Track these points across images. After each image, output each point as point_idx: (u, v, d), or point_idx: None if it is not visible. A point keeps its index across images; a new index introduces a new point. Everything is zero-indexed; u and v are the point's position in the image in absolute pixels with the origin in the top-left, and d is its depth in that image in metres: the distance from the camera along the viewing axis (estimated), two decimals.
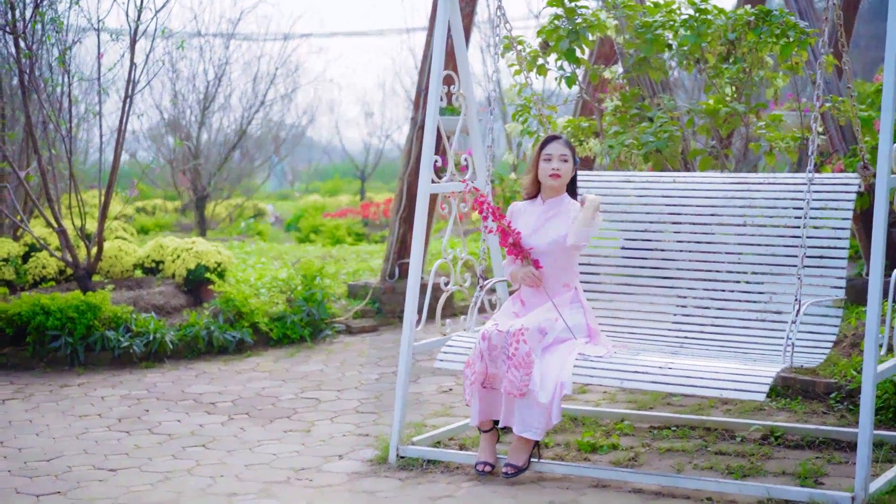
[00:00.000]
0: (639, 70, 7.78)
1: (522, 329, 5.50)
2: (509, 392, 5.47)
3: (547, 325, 5.63)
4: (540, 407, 5.44)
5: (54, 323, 8.56)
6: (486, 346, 5.57)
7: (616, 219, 6.29)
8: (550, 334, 5.63)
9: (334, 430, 6.73)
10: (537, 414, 5.46)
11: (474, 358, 5.62)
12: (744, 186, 6.01)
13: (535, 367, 5.46)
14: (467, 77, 6.42)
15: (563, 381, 5.45)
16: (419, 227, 6.11)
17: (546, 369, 5.49)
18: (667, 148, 7.31)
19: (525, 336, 5.49)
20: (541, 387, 5.45)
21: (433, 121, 6.18)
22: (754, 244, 5.90)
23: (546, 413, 5.45)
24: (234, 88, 17.06)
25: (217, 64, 16.08)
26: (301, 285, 9.67)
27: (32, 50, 9.21)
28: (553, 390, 5.44)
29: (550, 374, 5.47)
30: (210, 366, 8.66)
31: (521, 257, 5.82)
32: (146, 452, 6.30)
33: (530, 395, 5.44)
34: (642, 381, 5.32)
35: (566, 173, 5.83)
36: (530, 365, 5.45)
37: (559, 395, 5.44)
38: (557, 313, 5.70)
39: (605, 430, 6.41)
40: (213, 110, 16.40)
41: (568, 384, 5.44)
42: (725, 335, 5.87)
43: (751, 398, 5.05)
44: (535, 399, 5.44)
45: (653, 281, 6.16)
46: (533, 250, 5.80)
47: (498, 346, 5.54)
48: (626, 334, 6.10)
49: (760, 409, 6.77)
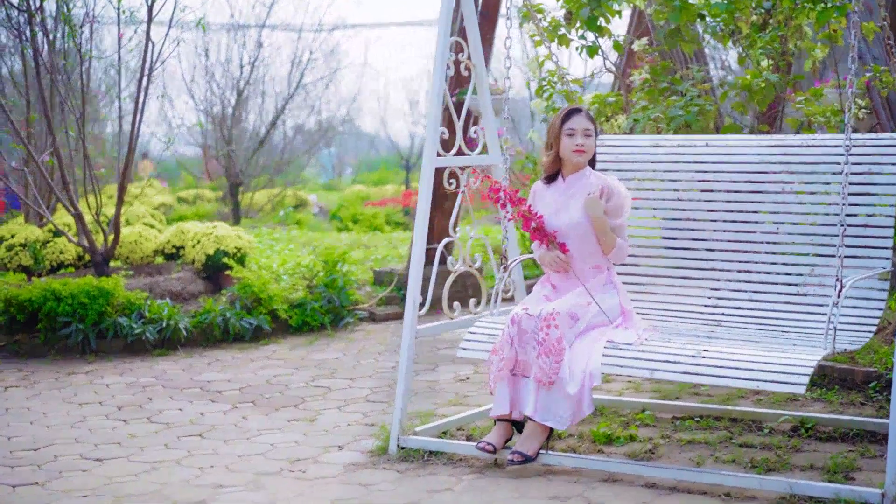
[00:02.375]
0: (670, 43, 7.36)
1: (554, 313, 5.14)
2: (539, 379, 5.10)
3: (579, 310, 5.26)
4: (568, 398, 5.07)
5: (65, 309, 8.29)
6: (515, 330, 5.19)
7: (644, 186, 5.87)
8: (583, 320, 5.26)
9: (340, 419, 6.39)
10: (564, 404, 5.09)
11: (502, 343, 5.25)
12: (782, 150, 5.56)
13: (566, 354, 5.09)
14: (477, 45, 6.02)
15: (592, 371, 5.07)
16: (423, 203, 5.73)
17: (575, 358, 5.12)
18: (696, 122, 6.88)
19: (556, 320, 5.12)
20: (570, 377, 5.07)
21: (439, 88, 5.79)
22: (794, 213, 5.47)
23: (575, 404, 5.08)
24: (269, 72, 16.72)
25: (251, 48, 15.79)
26: (323, 271, 9.33)
27: (46, 29, 8.94)
28: (581, 380, 5.07)
29: (578, 364, 5.10)
30: (224, 353, 8.35)
31: (547, 242, 5.43)
32: (139, 441, 5.99)
33: (559, 384, 5.07)
34: (673, 372, 4.91)
35: (590, 149, 5.45)
36: (561, 352, 5.08)
37: (589, 385, 5.07)
38: (591, 298, 5.32)
39: (625, 421, 6.00)
40: (247, 96, 16.09)
41: (597, 374, 5.06)
42: (764, 312, 5.45)
43: (790, 391, 4.62)
44: (563, 389, 5.07)
45: (686, 254, 5.75)
46: (558, 233, 5.41)
47: (528, 331, 5.16)
48: (660, 313, 5.70)
49: (794, 399, 6.32)
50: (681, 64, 7.70)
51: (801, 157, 5.48)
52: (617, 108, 7.46)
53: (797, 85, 7.51)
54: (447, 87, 6.00)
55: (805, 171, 5.44)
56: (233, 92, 16.07)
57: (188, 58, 16.79)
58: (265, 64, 16.49)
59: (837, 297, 4.84)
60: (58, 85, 9.18)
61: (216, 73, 15.93)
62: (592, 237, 5.39)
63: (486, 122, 6.11)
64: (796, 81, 7.29)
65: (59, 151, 9.18)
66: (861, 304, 5.15)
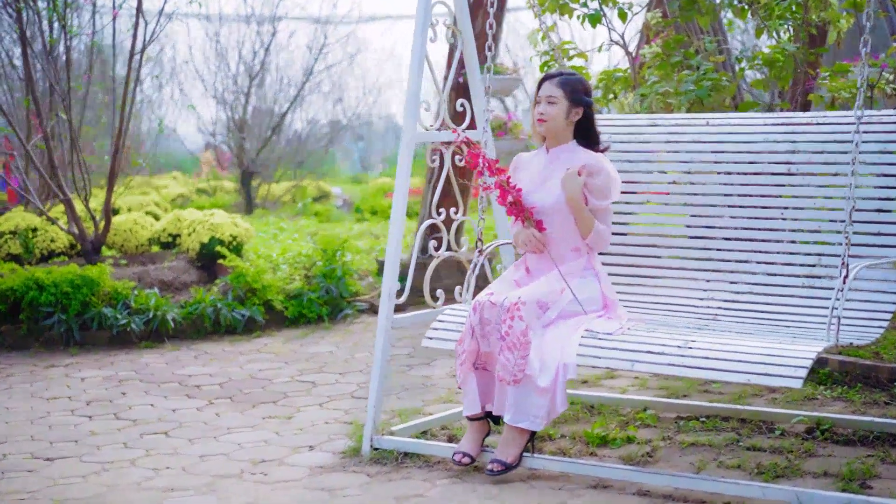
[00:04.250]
0: (685, 15, 6.84)
1: (519, 303, 4.61)
2: (502, 378, 4.59)
3: (549, 297, 4.73)
4: (540, 393, 4.55)
5: (48, 299, 7.87)
6: (477, 319, 4.69)
7: (638, 169, 5.37)
8: (554, 309, 4.72)
9: (319, 416, 5.92)
10: (536, 401, 4.56)
11: (465, 334, 4.76)
12: (788, 128, 5.04)
13: (533, 347, 4.57)
14: (464, 9, 5.53)
15: (567, 363, 4.54)
16: (401, 181, 5.26)
17: (547, 349, 4.59)
18: (709, 98, 6.36)
19: (521, 311, 4.60)
20: (540, 370, 4.55)
21: (419, 56, 5.30)
22: (800, 196, 4.94)
23: (548, 399, 4.55)
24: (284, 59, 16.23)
25: (265, 34, 15.32)
26: (321, 261, 8.86)
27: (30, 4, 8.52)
28: (555, 373, 4.55)
29: (552, 355, 4.57)
30: (214, 346, 7.90)
31: (523, 218, 4.92)
32: (98, 440, 5.55)
33: (527, 381, 4.55)
34: (657, 364, 4.39)
35: (554, 117, 4.92)
36: (526, 346, 4.56)
37: (563, 378, 4.54)
38: (564, 283, 4.80)
39: (624, 421, 5.49)
40: (260, 83, 15.62)
41: (571, 366, 4.53)
42: (764, 306, 4.92)
43: (784, 385, 4.09)
44: (533, 384, 4.55)
45: (680, 242, 5.22)
46: (535, 209, 4.91)
47: (491, 321, 4.66)
48: (650, 305, 5.19)
49: (811, 398, 5.79)
50: (696, 38, 7.16)
51: (810, 135, 4.95)
52: (626, 84, 6.94)
53: (820, 59, 6.94)
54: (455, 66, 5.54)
55: (813, 151, 4.92)
56: (245, 79, 15.62)
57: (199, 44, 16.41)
58: (283, 49, 16.01)
59: (843, 283, 4.31)
60: (45, 66, 8.76)
61: (227, 59, 15.48)
62: (572, 217, 4.88)
63: (475, 95, 5.61)
64: (819, 55, 6.72)
65: (47, 135, 8.77)
66: (873, 296, 4.60)
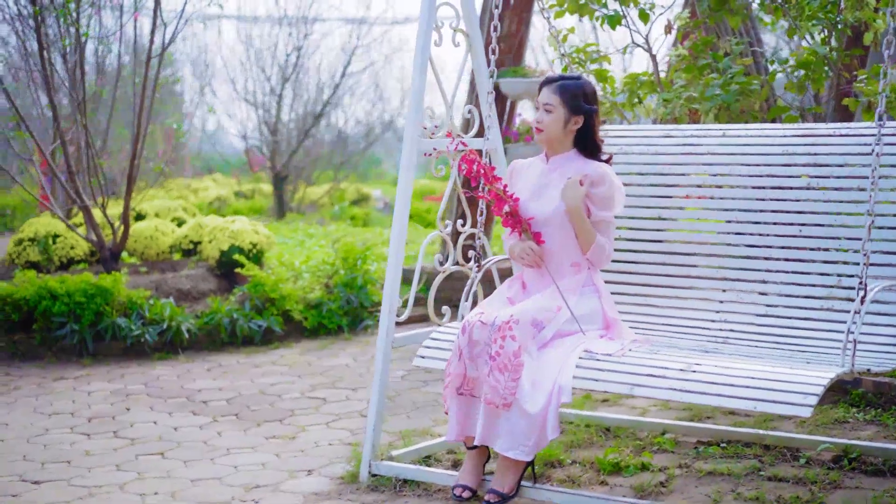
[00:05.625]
0: (714, 15, 6.52)
1: (511, 321, 4.31)
2: (490, 401, 4.27)
3: (545, 316, 4.42)
4: (529, 419, 4.24)
5: (61, 308, 7.69)
6: (465, 341, 4.39)
7: (650, 182, 5.07)
8: (550, 328, 4.42)
9: (324, 436, 5.67)
10: (524, 427, 4.25)
11: (452, 356, 4.47)
12: (809, 140, 4.73)
13: (525, 370, 4.28)
14: (471, 9, 5.25)
15: (562, 386, 4.23)
16: (402, 191, 4.99)
17: (540, 372, 4.29)
18: (737, 103, 6.04)
19: (514, 330, 4.30)
20: (531, 394, 4.25)
21: (423, 58, 5.04)
22: (820, 212, 4.62)
23: (537, 426, 4.25)
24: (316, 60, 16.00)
25: (298, 36, 15.10)
26: (343, 269, 8.61)
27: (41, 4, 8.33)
28: (548, 397, 4.25)
29: (546, 378, 4.27)
30: (229, 358, 7.68)
31: (520, 230, 4.64)
32: (91, 461, 5.34)
33: (516, 406, 4.26)
34: (657, 388, 4.10)
35: (550, 126, 4.63)
36: (518, 368, 4.26)
37: (556, 403, 4.23)
38: (562, 301, 4.50)
39: (640, 445, 5.19)
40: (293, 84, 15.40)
41: (567, 390, 4.23)
42: (780, 329, 4.61)
43: (792, 413, 3.78)
44: (521, 409, 4.25)
45: (693, 260, 4.92)
46: (533, 220, 4.62)
47: (480, 342, 4.36)
48: (659, 326, 4.89)
49: (843, 421, 5.46)
50: (725, 39, 6.84)
51: (831, 147, 4.64)
52: (651, 88, 6.62)
53: (856, 61, 6.58)
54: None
55: (836, 164, 4.60)
56: (278, 81, 15.42)
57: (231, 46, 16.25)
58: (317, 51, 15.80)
59: (860, 305, 3.99)
60: (57, 67, 8.59)
61: (262, 61, 15.29)
62: (571, 230, 4.59)
63: (483, 101, 5.33)
64: (854, 57, 6.37)
65: (64, 140, 8.60)
66: (894, 319, 4.28)
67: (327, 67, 16.03)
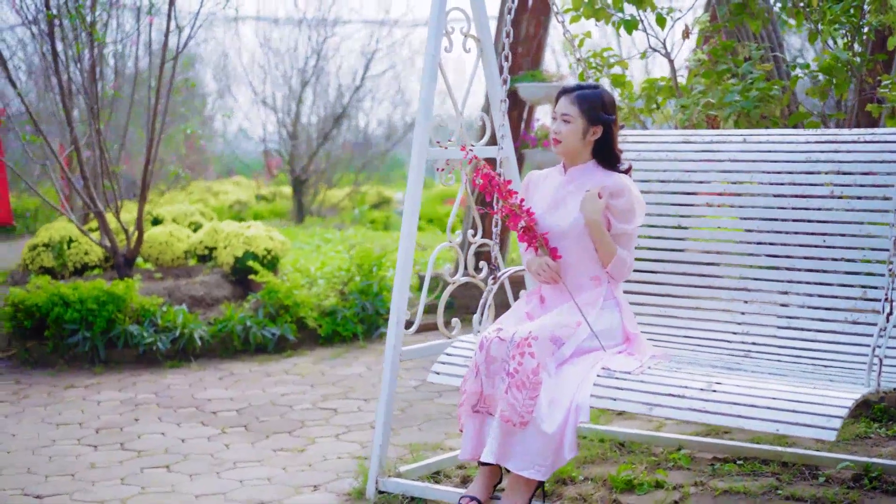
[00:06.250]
0: (734, 19, 6.38)
1: (530, 338, 4.18)
2: (507, 419, 4.13)
3: (564, 332, 4.28)
4: (545, 438, 4.10)
5: (73, 315, 7.62)
6: (482, 357, 4.26)
7: (670, 190, 4.94)
8: (569, 345, 4.28)
9: (333, 449, 5.56)
10: (540, 446, 4.11)
11: (469, 373, 4.33)
12: (832, 146, 4.58)
13: (543, 388, 4.15)
14: (482, 15, 5.13)
15: (579, 405, 4.11)
16: (411, 200, 4.88)
17: (558, 390, 4.15)
18: (756, 110, 5.89)
19: (533, 347, 4.17)
20: (548, 412, 4.12)
21: (432, 65, 4.92)
22: (844, 221, 4.47)
23: (554, 446, 4.11)
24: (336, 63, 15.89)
25: (317, 39, 14.99)
26: (358, 276, 8.51)
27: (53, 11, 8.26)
28: (565, 416, 4.11)
29: (563, 396, 4.14)
30: (241, 366, 7.59)
31: (536, 245, 4.50)
32: (96, 474, 5.24)
33: (533, 425, 4.12)
34: (677, 408, 3.97)
35: (569, 137, 4.48)
36: (537, 385, 4.13)
37: (574, 422, 4.10)
38: (581, 316, 4.37)
39: (655, 462, 5.05)
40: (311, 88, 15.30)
41: (584, 408, 4.10)
42: (803, 342, 4.48)
43: (816, 436, 3.65)
44: (538, 429, 4.11)
45: (713, 270, 4.78)
46: (550, 234, 4.48)
47: (497, 359, 4.22)
48: (679, 339, 4.76)
49: (864, 437, 5.31)
50: (744, 44, 6.69)
51: (856, 154, 4.49)
52: (669, 93, 6.48)
53: (880, 66, 6.43)
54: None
55: (860, 172, 4.45)
56: (297, 84, 15.33)
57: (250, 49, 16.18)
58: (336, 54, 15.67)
59: (886, 321, 3.84)
60: (64, 71, 8.50)
61: (279, 64, 15.19)
62: (590, 243, 4.45)
63: (494, 108, 5.21)
64: (878, 62, 6.21)
65: (77, 144, 8.53)
66: None
67: (348, 70, 15.94)
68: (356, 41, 16.88)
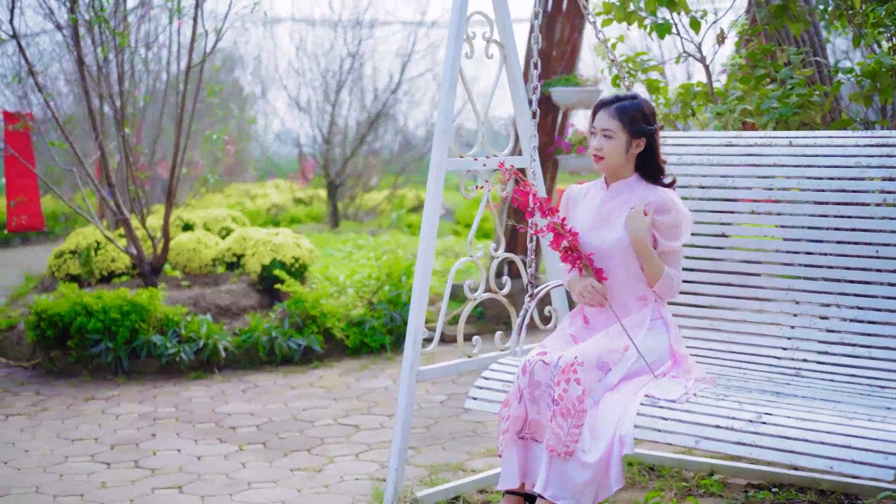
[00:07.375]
0: (774, 22, 6.12)
1: (576, 363, 3.96)
2: (552, 448, 3.91)
3: (611, 357, 4.06)
4: (588, 469, 3.87)
5: (96, 325, 7.48)
6: (526, 381, 4.04)
7: (710, 196, 4.69)
8: (616, 371, 4.05)
9: (351, 470, 5.36)
10: (580, 476, 3.88)
11: (511, 397, 4.11)
12: (884, 150, 4.31)
13: (588, 417, 3.92)
14: (505, 19, 4.91)
15: (623, 436, 3.87)
16: (430, 212, 4.66)
17: (602, 418, 3.93)
18: (795, 117, 5.63)
19: (579, 373, 3.94)
20: (590, 443, 3.89)
21: (452, 72, 4.72)
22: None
23: (598, 477, 3.87)
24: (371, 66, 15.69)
25: (351, 42, 14.81)
26: (387, 285, 8.31)
27: (84, 17, 8.14)
28: (608, 447, 3.88)
29: (606, 425, 3.91)
30: (266, 378, 7.42)
31: (580, 266, 4.27)
32: (105, 495, 5.08)
33: (576, 456, 3.89)
34: (724, 441, 3.74)
35: (611, 153, 4.25)
36: (582, 414, 3.90)
37: (618, 453, 3.86)
38: (629, 340, 4.14)
39: (685, 488, 4.81)
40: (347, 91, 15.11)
41: (628, 441, 3.86)
42: (856, 360, 4.24)
43: (872, 475, 3.41)
44: (579, 459, 3.88)
45: (761, 282, 4.53)
46: (594, 254, 4.25)
47: (542, 384, 4.01)
48: (726, 355, 4.52)
49: None
50: (783, 49, 6.43)
51: None
52: (706, 99, 6.23)
53: None
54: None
55: None
56: (333, 87, 15.15)
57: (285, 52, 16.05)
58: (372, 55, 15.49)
59: None
60: (90, 77, 8.37)
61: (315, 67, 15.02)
62: (636, 261, 4.22)
63: (520, 117, 4.99)
64: None
65: (104, 151, 8.39)
66: None
67: (384, 72, 15.76)
68: (392, 43, 16.67)
